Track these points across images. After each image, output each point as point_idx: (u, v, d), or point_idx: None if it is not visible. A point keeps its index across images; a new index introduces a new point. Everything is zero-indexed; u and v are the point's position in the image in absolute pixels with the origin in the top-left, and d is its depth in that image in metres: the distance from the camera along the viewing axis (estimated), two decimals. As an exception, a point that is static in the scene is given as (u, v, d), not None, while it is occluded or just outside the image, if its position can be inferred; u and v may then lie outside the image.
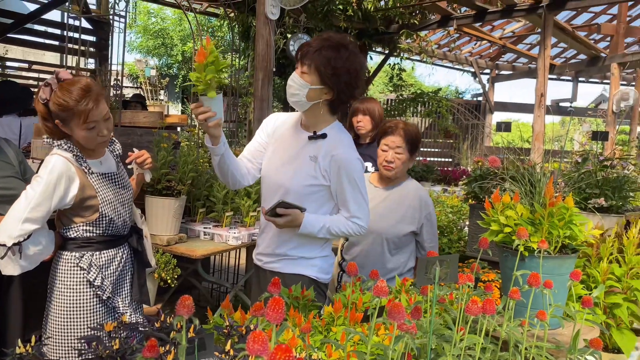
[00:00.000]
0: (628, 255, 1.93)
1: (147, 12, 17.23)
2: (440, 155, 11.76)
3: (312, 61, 1.89)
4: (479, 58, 12.45)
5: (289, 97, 1.97)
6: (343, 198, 2.01)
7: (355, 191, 2.00)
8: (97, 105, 1.88)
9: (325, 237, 2.02)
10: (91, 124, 1.88)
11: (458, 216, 4.07)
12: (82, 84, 1.88)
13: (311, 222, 1.97)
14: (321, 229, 1.99)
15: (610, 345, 1.95)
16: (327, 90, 1.93)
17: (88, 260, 1.96)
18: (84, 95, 1.85)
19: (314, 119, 2.01)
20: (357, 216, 2.01)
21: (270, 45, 4.49)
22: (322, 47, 1.88)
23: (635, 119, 9.83)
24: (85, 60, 5.85)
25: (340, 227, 2.02)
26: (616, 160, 3.04)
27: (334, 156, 1.95)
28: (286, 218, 1.94)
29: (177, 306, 0.86)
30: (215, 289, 4.60)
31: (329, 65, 1.88)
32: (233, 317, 1.64)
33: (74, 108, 1.84)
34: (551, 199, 1.62)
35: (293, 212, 1.94)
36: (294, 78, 1.94)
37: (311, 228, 1.98)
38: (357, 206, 2.01)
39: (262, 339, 0.68)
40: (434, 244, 2.60)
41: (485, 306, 1.13)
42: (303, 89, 1.92)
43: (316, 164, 1.98)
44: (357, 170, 2.00)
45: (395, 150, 2.46)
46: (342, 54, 1.89)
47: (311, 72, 1.90)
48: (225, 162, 1.99)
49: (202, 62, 1.68)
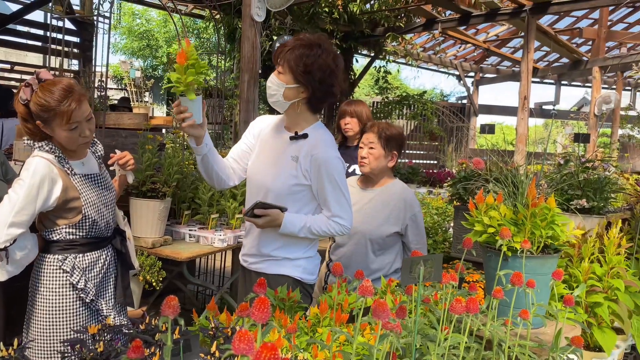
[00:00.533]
0: (609, 255, 1.96)
1: (132, 14, 17.12)
2: (425, 157, 11.83)
3: (286, 60, 1.91)
4: (464, 61, 12.57)
5: (269, 98, 2.00)
6: (324, 197, 2.01)
7: (335, 190, 1.99)
8: (79, 105, 1.87)
9: (307, 236, 2.02)
10: (73, 125, 1.87)
11: (443, 217, 4.10)
12: (63, 84, 1.86)
13: (292, 221, 1.97)
14: (302, 229, 1.99)
15: (592, 344, 1.98)
16: (303, 89, 1.95)
17: (71, 263, 1.94)
18: (65, 96, 1.83)
19: (294, 119, 2.03)
20: (339, 215, 2.01)
21: (256, 47, 4.50)
22: (295, 46, 1.91)
23: (617, 122, 10.00)
24: (69, 62, 5.79)
25: (322, 227, 2.01)
26: (597, 162, 3.09)
27: (314, 155, 1.96)
28: (265, 218, 1.94)
29: (162, 307, 0.86)
30: (201, 291, 4.57)
31: (301, 62, 1.89)
32: (219, 318, 1.63)
33: (56, 108, 1.83)
34: (534, 200, 1.65)
35: (272, 212, 1.94)
36: (272, 79, 1.96)
37: (292, 227, 1.97)
38: (338, 205, 2.01)
39: (248, 339, 0.69)
40: (420, 245, 2.60)
41: (469, 305, 1.14)
42: (280, 89, 1.94)
43: (297, 164, 1.99)
44: (337, 169, 2.00)
45: (369, 146, 2.52)
46: (315, 51, 1.91)
47: (285, 72, 1.93)
48: (209, 162, 1.99)
49: (182, 64, 1.68)
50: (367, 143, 2.52)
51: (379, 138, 2.51)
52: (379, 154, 2.51)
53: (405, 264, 1.12)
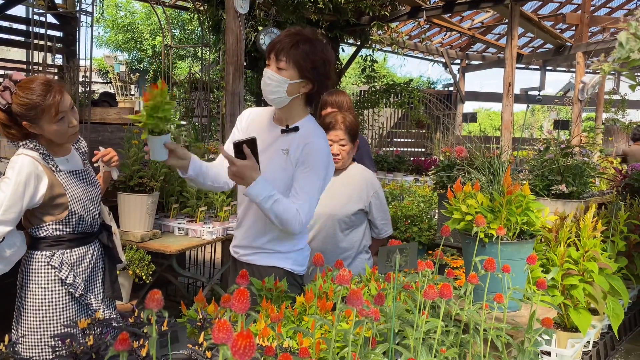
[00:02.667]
0: (584, 239, 2.02)
1: (115, 6, 16.91)
2: (413, 145, 11.90)
3: (290, 56, 1.91)
4: (449, 48, 12.60)
5: (268, 95, 1.96)
6: (299, 182, 1.96)
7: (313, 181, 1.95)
8: (62, 96, 1.90)
9: (265, 210, 1.89)
10: (61, 115, 1.90)
11: (428, 205, 4.16)
12: (41, 80, 1.89)
13: (264, 186, 1.86)
14: (268, 199, 1.86)
15: (569, 325, 2.05)
16: (306, 83, 1.97)
17: (59, 259, 1.97)
18: (48, 90, 1.87)
19: (290, 113, 2.04)
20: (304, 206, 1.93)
21: (240, 39, 4.50)
22: (298, 42, 1.92)
23: (601, 106, 10.10)
24: (52, 57, 5.75)
25: (286, 211, 1.90)
26: (576, 148, 3.15)
27: (307, 144, 1.96)
28: (246, 162, 1.83)
29: (146, 300, 0.90)
30: (192, 283, 4.61)
31: (308, 58, 1.91)
32: (207, 310, 1.67)
33: (42, 104, 1.85)
34: (509, 188, 1.70)
35: (253, 162, 1.84)
36: (271, 76, 1.93)
37: (260, 190, 1.85)
38: (309, 198, 1.95)
39: (226, 328, 0.73)
40: (385, 221, 2.73)
41: (443, 290, 1.19)
42: (283, 85, 1.93)
43: (287, 157, 2.00)
44: (324, 163, 2.00)
45: (339, 143, 2.60)
46: (317, 46, 1.94)
47: (289, 67, 1.92)
48: (200, 179, 1.98)
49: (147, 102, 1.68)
50: (337, 140, 2.59)
51: (347, 133, 2.60)
52: (349, 148, 2.62)
53: (382, 252, 1.17)
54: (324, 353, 1.46)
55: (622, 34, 1.31)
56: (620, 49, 1.25)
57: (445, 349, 1.35)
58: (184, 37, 16.67)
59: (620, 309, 2.08)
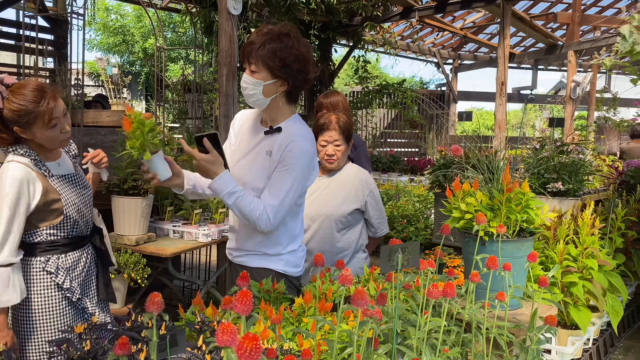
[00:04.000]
0: (582, 236, 2.02)
1: (106, 9, 16.85)
2: (406, 145, 11.92)
3: (258, 58, 1.87)
4: (442, 48, 12.64)
5: (247, 99, 1.95)
6: (275, 181, 1.92)
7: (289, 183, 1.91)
8: (56, 102, 1.86)
9: (229, 205, 1.88)
10: (54, 121, 1.86)
11: (424, 204, 4.16)
12: (33, 84, 1.84)
13: (227, 180, 1.84)
14: (231, 195, 1.84)
15: (569, 322, 2.04)
16: (281, 82, 1.93)
17: (54, 264, 1.94)
18: (41, 96, 1.82)
19: (273, 113, 2.01)
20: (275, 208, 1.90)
21: (233, 41, 4.48)
22: (265, 42, 1.87)
23: (592, 104, 10.16)
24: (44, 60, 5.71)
25: (250, 207, 1.87)
26: (572, 145, 3.16)
27: (290, 143, 1.93)
28: (207, 156, 1.82)
29: (146, 303, 0.88)
30: (187, 286, 4.58)
31: (276, 57, 1.87)
32: (204, 312, 1.66)
33: (35, 110, 1.81)
34: (508, 185, 1.69)
35: (216, 156, 1.83)
36: (246, 79, 1.92)
37: (222, 185, 1.83)
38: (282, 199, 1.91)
39: (230, 330, 0.71)
40: (381, 220, 2.73)
41: (446, 289, 1.18)
42: (257, 87, 1.91)
43: (270, 158, 1.97)
44: (305, 165, 1.94)
45: (334, 144, 2.59)
46: (286, 42, 1.89)
47: (260, 69, 1.89)
48: (197, 192, 2.01)
49: (128, 130, 1.70)
50: (332, 141, 2.59)
51: (341, 134, 2.59)
52: (343, 148, 2.62)
53: (384, 252, 1.15)
54: (325, 354, 1.45)
55: (625, 27, 1.30)
56: (623, 42, 1.25)
57: (448, 348, 1.33)
58: (175, 39, 16.62)
59: (619, 305, 2.07)
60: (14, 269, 1.83)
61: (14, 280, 1.82)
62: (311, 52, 2.00)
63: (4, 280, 1.79)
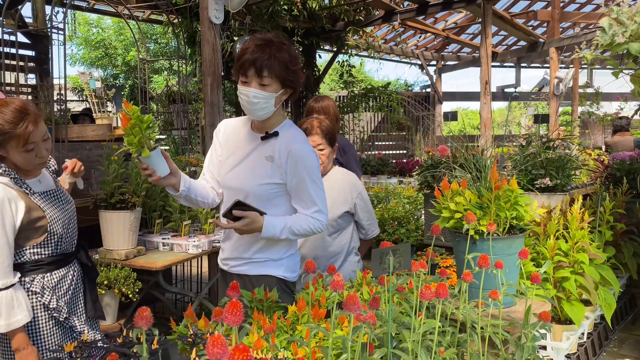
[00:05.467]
0: (572, 230, 2.03)
1: (87, 23, 16.75)
2: (394, 148, 11.94)
3: (272, 71, 1.87)
4: (425, 50, 12.72)
5: (256, 112, 1.93)
6: (303, 192, 1.98)
7: (314, 185, 1.98)
8: (36, 126, 1.81)
9: (289, 237, 1.98)
10: (30, 146, 1.82)
11: (414, 206, 4.16)
12: (16, 105, 1.80)
13: (272, 223, 1.92)
14: (283, 230, 1.94)
15: (563, 317, 2.04)
16: (287, 91, 1.96)
17: (40, 283, 1.90)
18: (21, 118, 1.78)
19: (268, 120, 2.01)
20: (320, 210, 1.99)
21: (216, 50, 4.47)
22: (274, 54, 1.87)
23: (576, 100, 10.26)
24: (25, 76, 5.64)
25: (303, 225, 1.97)
26: (558, 141, 3.18)
27: (291, 151, 1.95)
28: (244, 221, 1.90)
29: (135, 318, 0.86)
30: (180, 299, 4.54)
31: (289, 69, 1.90)
32: (197, 325, 1.63)
33: (11, 132, 1.77)
34: (496, 183, 1.69)
35: (251, 214, 1.90)
36: (257, 94, 1.89)
37: (273, 230, 1.92)
38: (319, 200, 1.99)
39: (221, 342, 0.70)
40: (371, 221, 2.74)
41: (439, 290, 1.17)
42: (270, 100, 1.91)
43: (273, 163, 1.97)
44: (314, 164, 2.00)
45: (318, 148, 2.59)
46: (290, 51, 1.92)
47: (273, 82, 1.89)
48: (190, 197, 1.99)
49: (126, 126, 1.69)
50: (315, 146, 2.57)
51: (324, 137, 2.59)
52: (328, 152, 2.62)
53: (375, 255, 1.14)
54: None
55: (604, 20, 1.31)
56: (603, 35, 1.25)
57: (444, 349, 1.32)
58: (158, 51, 16.55)
59: (612, 298, 2.08)
60: (15, 289, 1.80)
61: (18, 300, 1.79)
62: None
63: (8, 303, 1.76)
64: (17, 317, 1.78)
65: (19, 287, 1.83)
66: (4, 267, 1.77)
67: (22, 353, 1.79)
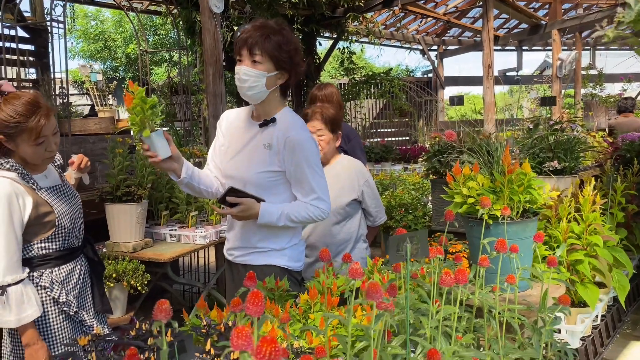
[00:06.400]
0: (585, 213, 2.01)
1: (85, 16, 16.64)
2: (397, 134, 11.89)
3: (264, 49, 1.87)
4: (426, 35, 12.61)
5: (246, 92, 1.92)
6: (302, 180, 1.97)
7: (313, 172, 1.96)
8: (48, 120, 1.81)
9: (287, 224, 1.97)
10: (41, 139, 1.82)
11: (420, 192, 4.14)
12: (28, 98, 1.79)
13: (269, 210, 1.92)
14: (280, 217, 1.94)
15: (577, 300, 2.03)
16: (282, 74, 1.94)
17: (48, 278, 1.90)
18: (33, 111, 1.77)
19: (267, 107, 2.00)
20: (320, 197, 1.98)
21: (217, 39, 4.43)
22: (268, 34, 1.88)
23: (579, 82, 10.18)
24: (26, 71, 5.61)
25: (301, 213, 1.96)
26: (565, 123, 3.15)
27: (288, 137, 1.94)
28: (239, 207, 1.89)
29: (154, 311, 0.85)
30: (187, 290, 4.54)
31: (282, 49, 1.88)
32: (210, 315, 1.62)
33: (23, 125, 1.76)
34: (509, 167, 1.67)
35: (246, 201, 1.89)
36: (247, 71, 1.89)
37: (269, 217, 1.92)
38: (318, 188, 1.97)
39: (246, 334, 0.68)
40: (378, 208, 2.73)
41: (458, 276, 1.15)
42: (261, 79, 1.89)
43: (271, 151, 1.96)
44: (313, 151, 1.98)
45: (317, 134, 2.56)
46: (287, 35, 1.91)
47: (265, 60, 1.88)
48: (193, 185, 1.97)
49: (130, 105, 1.68)
50: (314, 131, 2.55)
51: (325, 123, 2.56)
52: (328, 138, 2.58)
53: (392, 242, 1.13)
54: (336, 350, 1.42)
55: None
56: (629, 11, 1.22)
57: (461, 335, 1.31)
58: (157, 42, 16.46)
59: (625, 280, 2.07)
60: (24, 284, 1.79)
61: (28, 295, 1.79)
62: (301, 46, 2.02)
63: (18, 298, 1.76)
64: (27, 312, 1.77)
65: (28, 282, 1.82)
66: (12, 262, 1.76)
67: (32, 348, 1.79)
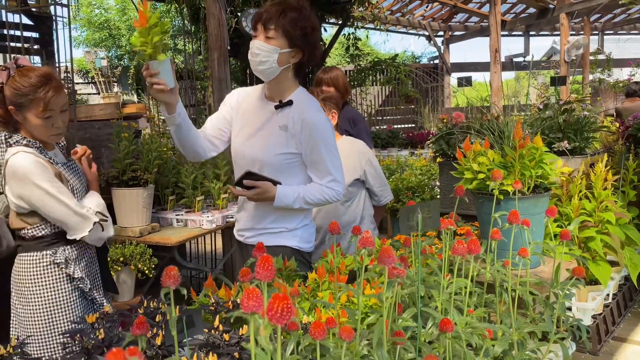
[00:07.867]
0: (597, 189, 1.98)
1: (89, 4, 16.61)
2: (403, 121, 11.84)
3: (279, 25, 1.84)
4: (432, 21, 12.50)
5: (257, 66, 1.89)
6: (319, 161, 1.96)
7: (330, 154, 1.96)
8: (57, 94, 1.83)
9: (302, 207, 1.98)
10: (48, 113, 1.83)
11: (428, 176, 4.12)
12: (42, 70, 1.84)
13: (285, 193, 1.92)
14: (296, 199, 1.94)
15: (588, 278, 2.01)
16: (296, 52, 1.90)
17: (62, 255, 1.91)
18: (44, 82, 1.81)
19: (279, 86, 1.97)
20: (336, 179, 1.98)
21: (222, 24, 4.39)
22: (285, 10, 1.85)
23: (586, 67, 10.08)
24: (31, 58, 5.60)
25: (316, 195, 1.96)
26: (575, 103, 3.11)
27: (304, 120, 1.92)
28: (256, 190, 1.89)
29: (162, 277, 0.83)
30: (195, 275, 4.56)
31: (297, 25, 1.85)
32: (218, 294, 1.62)
33: (32, 94, 1.79)
34: (520, 141, 1.64)
35: (262, 184, 1.89)
36: (260, 45, 1.86)
37: (285, 199, 1.93)
38: (334, 169, 1.97)
39: (256, 295, 0.67)
40: (383, 187, 2.71)
41: (470, 246, 1.13)
42: (273, 54, 1.86)
43: (287, 133, 1.94)
44: (329, 133, 1.97)
45: None
46: (304, 13, 1.88)
47: (278, 36, 1.85)
48: (183, 133, 1.91)
49: (145, 25, 1.58)
50: None
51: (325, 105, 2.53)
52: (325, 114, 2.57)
53: (404, 213, 1.11)
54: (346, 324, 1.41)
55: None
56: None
57: (473, 309, 1.29)
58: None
59: (637, 258, 2.04)
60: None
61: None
62: (320, 27, 1.99)
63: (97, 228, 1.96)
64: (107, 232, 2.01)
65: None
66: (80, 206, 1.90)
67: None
